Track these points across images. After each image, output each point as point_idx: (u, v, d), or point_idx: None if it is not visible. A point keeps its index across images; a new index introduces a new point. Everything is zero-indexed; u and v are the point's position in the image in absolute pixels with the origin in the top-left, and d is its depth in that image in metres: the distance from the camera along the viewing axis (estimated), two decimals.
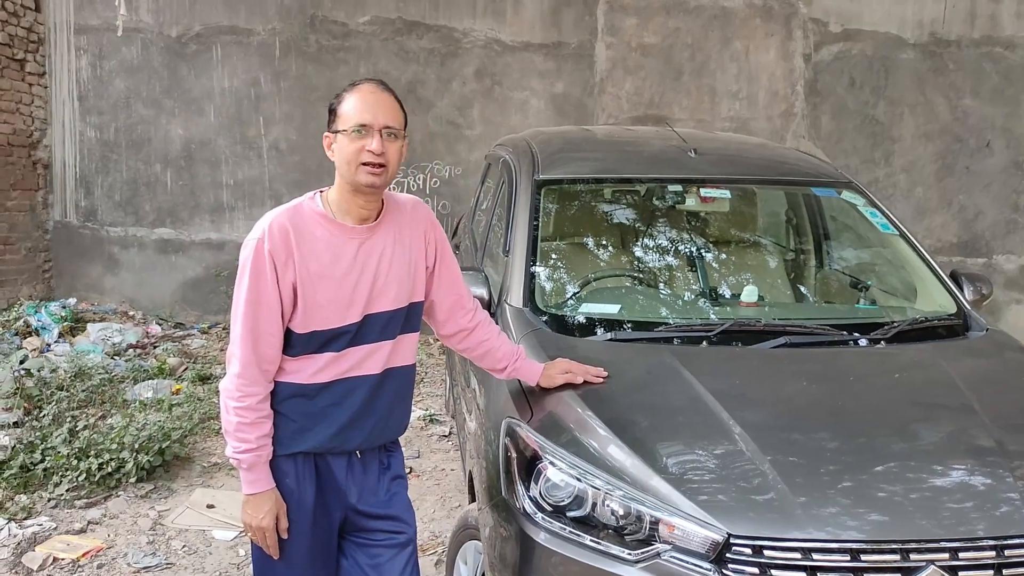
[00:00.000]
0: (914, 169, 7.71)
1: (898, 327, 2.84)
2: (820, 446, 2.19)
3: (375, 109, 2.04)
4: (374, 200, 2.14)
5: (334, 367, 2.12)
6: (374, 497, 2.25)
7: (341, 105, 2.07)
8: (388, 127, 2.05)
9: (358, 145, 2.02)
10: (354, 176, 2.04)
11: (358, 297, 2.10)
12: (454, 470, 4.66)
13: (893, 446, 2.20)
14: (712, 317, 2.99)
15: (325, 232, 2.08)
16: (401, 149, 2.10)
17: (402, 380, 2.26)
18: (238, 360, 2.05)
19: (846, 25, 7.58)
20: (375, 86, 2.09)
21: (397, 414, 2.28)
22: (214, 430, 5.13)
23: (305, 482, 2.16)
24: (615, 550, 2.02)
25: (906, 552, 1.91)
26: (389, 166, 2.05)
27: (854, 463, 2.12)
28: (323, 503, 2.19)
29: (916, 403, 2.46)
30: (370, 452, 2.24)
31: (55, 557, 3.60)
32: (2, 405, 4.84)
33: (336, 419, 2.13)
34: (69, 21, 7.59)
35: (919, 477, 2.10)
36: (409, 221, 2.24)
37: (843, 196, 3.51)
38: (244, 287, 2.04)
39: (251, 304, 2.03)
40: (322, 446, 2.15)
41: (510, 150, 3.89)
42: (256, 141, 7.69)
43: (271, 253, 2.02)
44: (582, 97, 7.67)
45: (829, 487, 2.02)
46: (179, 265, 7.79)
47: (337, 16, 7.56)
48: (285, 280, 2.03)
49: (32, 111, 7.45)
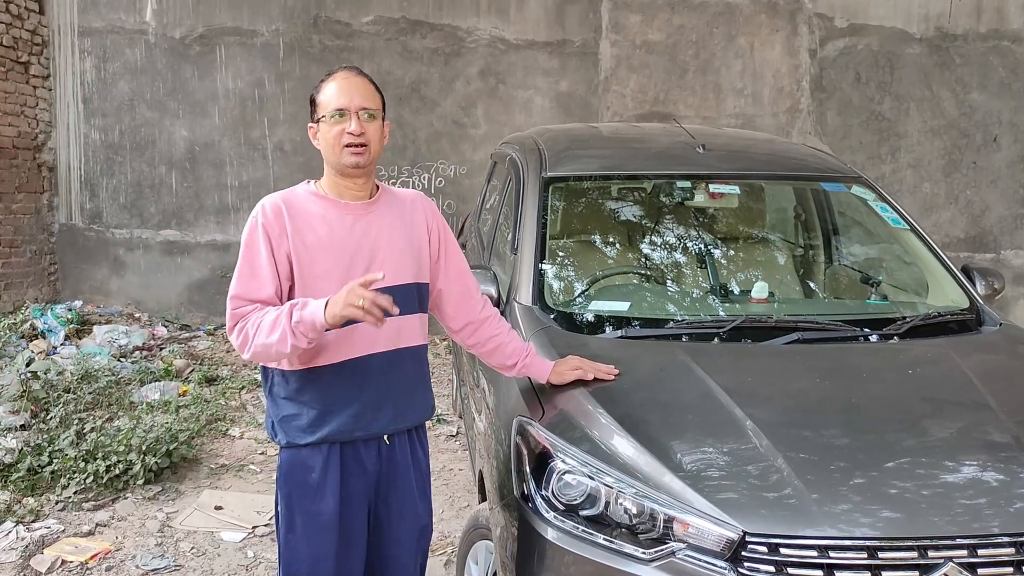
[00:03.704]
0: (921, 165, 7.67)
1: (911, 322, 2.81)
2: (835, 443, 2.16)
3: (350, 93, 2.13)
4: (363, 182, 2.21)
5: (343, 345, 2.14)
6: (400, 482, 2.29)
7: (319, 95, 2.17)
8: (364, 108, 2.14)
9: (338, 129, 2.12)
10: (339, 159, 2.14)
11: (356, 269, 2.13)
12: (462, 470, 4.64)
13: (908, 442, 2.18)
14: (722, 314, 2.97)
15: (320, 208, 2.17)
16: (381, 129, 2.19)
17: (415, 359, 2.29)
18: (229, 305, 2.12)
19: (852, 20, 7.54)
20: (349, 72, 2.18)
21: (419, 396, 2.32)
22: (221, 432, 5.12)
23: (331, 472, 2.18)
24: (629, 549, 2.00)
25: (923, 549, 1.89)
26: (371, 145, 2.14)
27: (869, 460, 2.09)
28: (351, 492, 2.21)
29: (931, 399, 2.43)
30: (399, 438, 2.28)
31: (63, 560, 3.58)
32: (9, 408, 4.84)
33: (354, 400, 2.17)
34: (73, 23, 7.59)
35: (935, 473, 2.07)
36: (409, 207, 2.32)
37: (853, 191, 3.49)
38: (240, 260, 2.14)
39: (244, 276, 2.13)
40: (345, 430, 2.17)
41: (517, 148, 3.87)
42: (260, 142, 7.68)
43: (264, 228, 2.12)
44: (587, 95, 7.64)
45: (845, 484, 2.00)
46: (184, 267, 7.78)
47: (341, 16, 7.55)
48: (280, 253, 2.12)
49: (37, 114, 7.46)
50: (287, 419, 2.19)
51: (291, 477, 2.21)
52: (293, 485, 2.21)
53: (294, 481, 2.21)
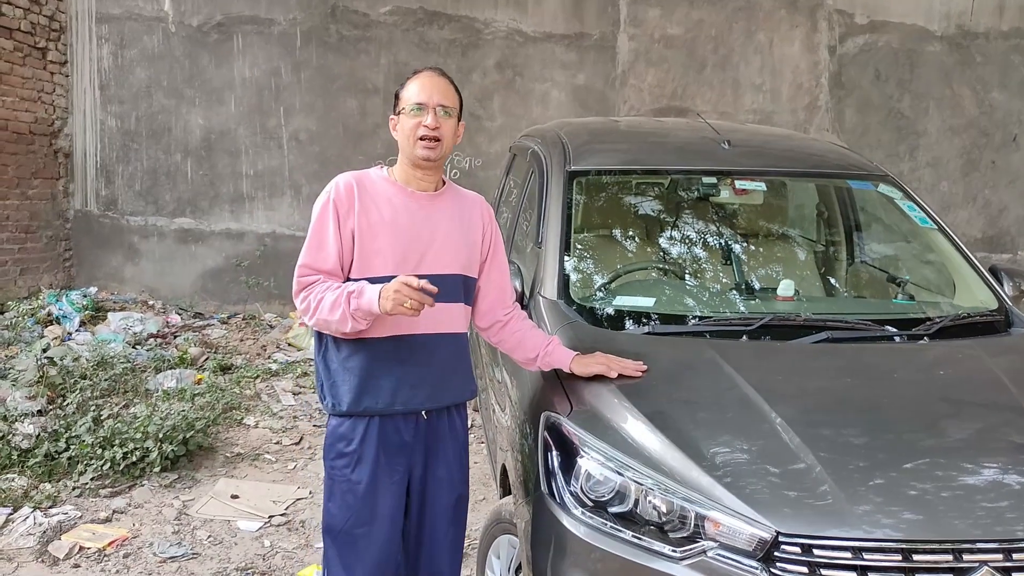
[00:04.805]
0: (939, 164, 7.62)
1: (941, 322, 2.78)
2: (868, 442, 2.13)
3: (430, 90, 2.29)
4: (432, 174, 2.36)
5: (391, 321, 2.25)
6: (440, 449, 2.40)
7: (404, 90, 2.34)
8: (442, 105, 2.29)
9: (415, 122, 2.27)
10: (413, 150, 2.29)
11: (412, 252, 2.29)
12: (477, 463, 4.62)
13: (943, 443, 2.16)
14: (748, 311, 2.94)
15: (388, 191, 2.33)
16: (456, 128, 2.34)
17: (456, 344, 2.41)
18: (297, 272, 2.28)
19: (872, 17, 7.49)
20: (432, 72, 2.34)
21: (458, 377, 2.43)
22: (236, 420, 5.13)
23: (368, 444, 2.31)
24: (658, 546, 1.98)
25: (959, 552, 1.87)
26: (444, 140, 2.29)
27: (903, 460, 2.07)
28: (389, 464, 2.33)
29: (963, 400, 2.41)
30: (436, 414, 2.39)
31: (81, 546, 3.59)
32: (26, 393, 4.84)
33: (394, 375, 2.29)
34: (91, 9, 7.59)
35: (970, 475, 2.04)
36: (470, 207, 2.47)
37: (880, 189, 3.45)
38: (310, 231, 2.29)
39: (312, 248, 2.28)
40: (386, 403, 2.30)
41: (539, 141, 3.84)
42: (276, 131, 7.67)
43: (335, 203, 2.27)
44: (604, 89, 7.61)
45: (879, 485, 1.97)
46: (199, 255, 7.79)
47: (358, 6, 7.53)
48: (346, 228, 2.26)
49: (54, 100, 7.46)
50: (337, 385, 2.32)
51: (332, 447, 2.35)
52: (334, 455, 2.35)
53: (335, 451, 2.35)
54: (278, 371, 6.13)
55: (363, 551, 2.34)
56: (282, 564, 3.57)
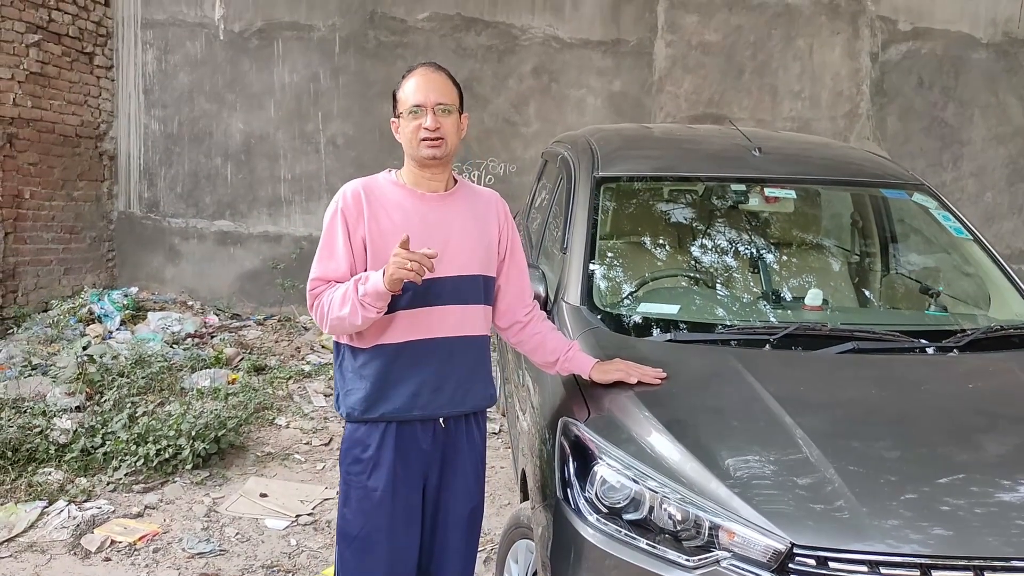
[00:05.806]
0: (984, 173, 7.46)
1: (972, 335, 2.72)
2: (889, 456, 2.10)
3: (427, 89, 2.25)
4: (440, 173, 2.33)
5: (408, 326, 2.24)
6: (457, 459, 2.37)
7: (400, 91, 2.30)
8: (440, 103, 2.24)
9: (415, 124, 2.24)
10: (417, 151, 2.26)
11: None
12: (503, 467, 4.63)
13: (967, 459, 2.11)
14: (775, 320, 2.91)
15: (397, 195, 2.30)
16: (457, 123, 2.29)
17: (477, 348, 2.37)
18: (309, 285, 2.29)
19: (916, 23, 7.37)
20: (426, 68, 2.29)
21: (478, 384, 2.38)
22: (268, 420, 5.19)
23: (385, 450, 2.28)
24: (672, 555, 1.97)
25: (979, 570, 1.82)
26: (447, 138, 2.25)
27: (924, 475, 2.03)
28: (406, 470, 2.30)
29: (992, 415, 2.35)
30: (455, 421, 2.35)
31: (112, 540, 3.67)
32: (66, 390, 4.97)
33: (413, 380, 2.26)
34: (137, 15, 7.77)
35: (994, 492, 2.00)
36: (484, 204, 2.42)
37: (915, 199, 3.39)
38: (321, 243, 2.28)
39: (323, 258, 2.27)
40: (403, 409, 2.27)
41: (569, 147, 3.84)
42: (314, 136, 7.77)
43: (343, 213, 2.25)
44: (640, 96, 7.58)
45: (898, 498, 1.94)
46: (237, 257, 7.92)
47: (396, 12, 7.61)
48: (356, 237, 2.24)
49: (99, 103, 7.64)
50: (351, 392, 2.30)
51: (349, 452, 2.33)
52: (350, 460, 2.33)
53: (351, 456, 2.32)
54: (311, 372, 6.20)
55: (378, 558, 2.32)
56: (307, 563, 3.61)
